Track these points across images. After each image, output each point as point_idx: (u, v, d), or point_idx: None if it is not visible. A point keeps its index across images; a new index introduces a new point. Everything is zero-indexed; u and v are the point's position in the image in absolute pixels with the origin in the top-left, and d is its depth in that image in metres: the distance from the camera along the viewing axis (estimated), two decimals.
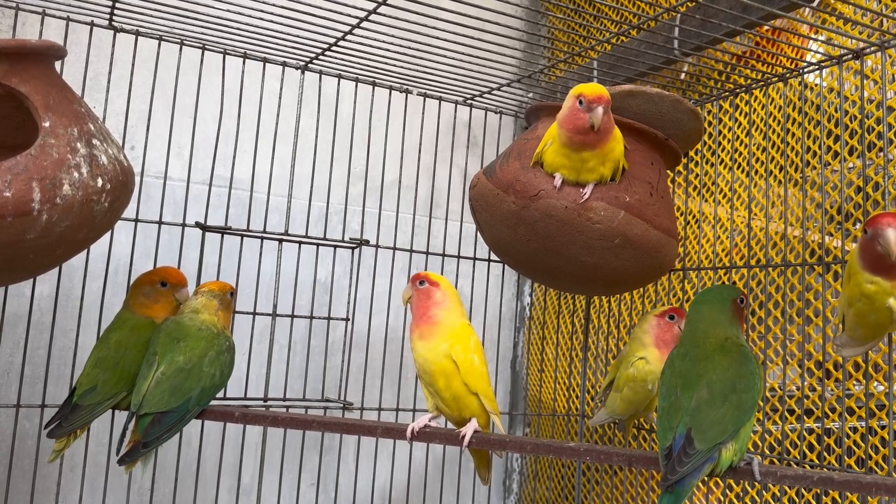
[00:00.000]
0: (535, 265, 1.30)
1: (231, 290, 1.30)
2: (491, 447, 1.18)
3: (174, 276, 1.31)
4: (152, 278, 1.30)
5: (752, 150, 1.52)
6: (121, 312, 1.30)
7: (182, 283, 1.31)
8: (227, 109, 1.55)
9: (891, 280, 0.99)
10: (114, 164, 1.03)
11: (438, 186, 1.81)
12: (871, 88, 1.32)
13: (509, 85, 1.61)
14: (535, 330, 2.08)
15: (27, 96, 0.96)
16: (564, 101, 1.16)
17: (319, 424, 1.26)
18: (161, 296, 1.29)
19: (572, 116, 1.13)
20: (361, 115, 1.68)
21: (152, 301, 1.29)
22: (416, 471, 1.83)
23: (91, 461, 1.48)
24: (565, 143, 1.16)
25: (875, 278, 0.99)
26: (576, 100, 1.13)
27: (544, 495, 1.98)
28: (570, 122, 1.14)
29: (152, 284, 1.29)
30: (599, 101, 1.11)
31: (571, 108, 1.13)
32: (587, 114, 1.12)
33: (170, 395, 1.18)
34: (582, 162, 1.16)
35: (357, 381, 1.71)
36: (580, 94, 1.12)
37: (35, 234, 0.93)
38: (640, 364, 1.31)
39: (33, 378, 1.51)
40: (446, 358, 1.15)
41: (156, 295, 1.29)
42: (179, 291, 1.30)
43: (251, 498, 1.71)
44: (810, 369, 1.44)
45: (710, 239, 1.63)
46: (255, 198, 1.67)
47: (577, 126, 1.13)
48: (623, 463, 1.11)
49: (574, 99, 1.13)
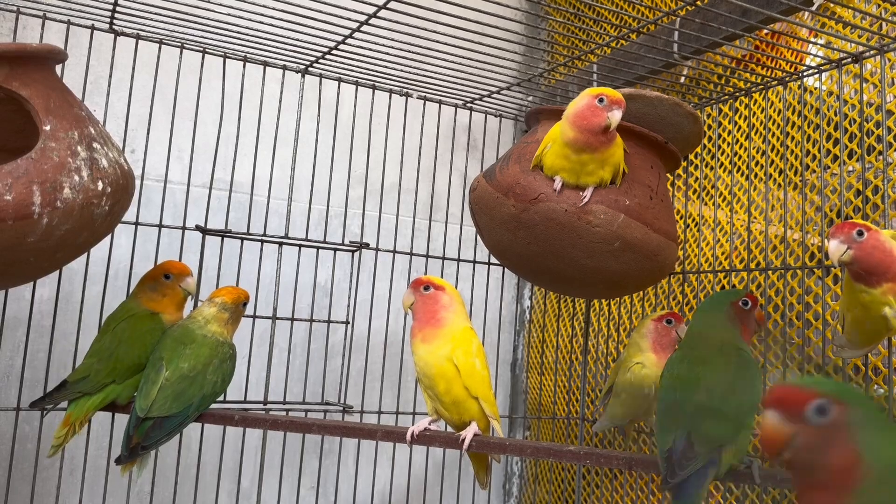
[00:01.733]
0: (535, 268, 1.30)
1: (245, 300, 1.31)
2: (491, 450, 1.18)
3: (176, 266, 1.31)
4: (156, 273, 1.31)
5: (752, 154, 1.52)
6: (126, 302, 1.31)
7: (185, 273, 1.31)
8: (227, 113, 1.56)
9: (876, 287, 0.98)
10: (114, 168, 1.03)
11: (438, 190, 1.81)
12: (870, 92, 1.32)
13: (509, 88, 1.61)
14: (534, 333, 2.08)
15: (28, 100, 0.97)
16: (577, 102, 1.15)
17: (319, 428, 1.26)
18: (167, 288, 1.30)
19: (589, 114, 1.12)
20: (361, 119, 1.68)
21: (159, 295, 1.30)
22: (416, 474, 1.83)
23: (91, 464, 1.48)
24: (569, 144, 1.15)
25: (861, 286, 0.99)
26: (594, 98, 1.12)
27: (544, 499, 1.98)
28: (584, 119, 1.13)
29: (156, 279, 1.30)
30: (620, 104, 1.12)
31: (589, 107, 1.12)
32: (605, 113, 1.12)
33: (172, 401, 1.19)
34: (582, 165, 1.16)
35: (357, 384, 1.71)
36: (601, 94, 1.12)
37: (35, 237, 0.93)
38: (637, 369, 1.31)
39: (33, 381, 1.51)
40: (447, 361, 1.15)
41: (162, 288, 1.30)
42: (184, 281, 1.31)
43: (251, 501, 1.71)
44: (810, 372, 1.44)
45: (710, 242, 1.64)
46: (256, 201, 1.67)
47: (592, 124, 1.12)
48: (623, 466, 1.11)
49: (592, 98, 1.13)
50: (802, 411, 0.62)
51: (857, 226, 0.95)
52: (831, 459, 0.62)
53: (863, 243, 0.95)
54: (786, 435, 0.63)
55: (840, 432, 0.62)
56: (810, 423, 0.62)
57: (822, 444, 0.62)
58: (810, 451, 0.62)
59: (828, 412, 0.62)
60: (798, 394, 0.63)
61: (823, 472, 0.62)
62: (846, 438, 0.62)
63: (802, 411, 0.62)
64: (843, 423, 0.62)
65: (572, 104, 1.16)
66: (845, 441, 0.62)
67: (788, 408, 0.62)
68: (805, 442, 0.63)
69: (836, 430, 0.62)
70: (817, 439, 0.62)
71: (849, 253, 0.95)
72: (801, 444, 0.63)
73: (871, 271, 0.96)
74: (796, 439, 0.63)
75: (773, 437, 0.63)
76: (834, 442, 0.62)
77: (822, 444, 0.62)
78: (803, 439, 0.62)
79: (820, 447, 0.62)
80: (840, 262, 0.95)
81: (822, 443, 0.62)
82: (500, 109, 1.77)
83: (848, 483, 0.61)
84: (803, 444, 0.63)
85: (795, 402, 0.62)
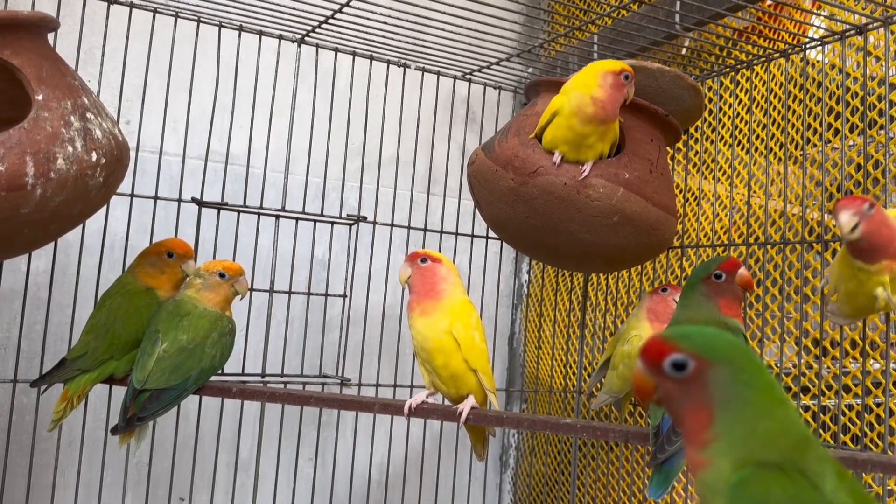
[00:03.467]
0: (534, 242, 1.30)
1: (220, 271, 1.26)
2: (488, 423, 1.18)
3: (181, 247, 1.30)
4: (159, 249, 1.30)
5: (753, 128, 1.51)
6: (122, 277, 1.30)
7: (188, 255, 1.31)
8: (222, 83, 1.54)
9: (872, 263, 0.98)
10: (108, 139, 1.02)
11: (436, 163, 1.80)
12: (873, 65, 1.31)
13: (508, 60, 1.59)
14: (532, 307, 2.08)
15: (19, 69, 0.95)
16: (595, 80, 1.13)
17: (317, 400, 1.26)
18: (168, 266, 1.29)
19: (617, 94, 1.12)
20: (359, 90, 1.66)
21: (158, 272, 1.29)
22: (414, 446, 1.84)
23: (89, 436, 1.48)
24: (589, 121, 1.14)
25: (859, 263, 0.99)
26: (618, 76, 1.12)
27: (540, 470, 2.00)
28: (613, 100, 1.12)
29: (159, 255, 1.29)
30: (633, 77, 1.14)
31: (616, 85, 1.12)
32: (626, 89, 1.12)
33: (170, 373, 1.19)
34: (583, 137, 1.15)
35: (354, 357, 1.71)
36: (623, 70, 1.12)
37: (29, 208, 0.92)
38: (635, 341, 1.31)
39: (30, 353, 1.51)
40: (446, 334, 1.15)
41: (162, 265, 1.29)
42: (186, 263, 1.30)
43: (249, 472, 1.72)
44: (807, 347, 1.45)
45: (709, 216, 1.63)
46: (252, 173, 1.65)
47: (618, 103, 1.13)
48: (619, 439, 1.11)
49: (616, 76, 1.12)
50: (661, 364, 0.62)
51: (867, 200, 0.95)
52: (686, 415, 0.63)
53: (872, 217, 0.94)
54: (649, 385, 0.64)
55: (697, 390, 0.62)
56: (668, 376, 0.62)
57: (680, 397, 0.63)
58: (669, 402, 0.64)
59: (686, 368, 0.61)
60: (659, 346, 0.63)
61: (680, 424, 0.64)
62: (702, 398, 0.62)
63: (661, 364, 0.62)
64: (703, 381, 0.62)
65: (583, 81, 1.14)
66: (700, 400, 0.62)
67: (649, 360, 0.63)
68: (664, 393, 0.64)
69: (694, 388, 0.62)
70: (676, 392, 0.63)
71: (860, 226, 0.94)
72: (662, 395, 0.64)
73: (876, 246, 0.95)
74: (658, 390, 0.64)
75: (638, 386, 0.65)
76: (691, 398, 0.62)
77: (681, 397, 0.63)
78: (663, 391, 0.64)
79: (679, 400, 0.63)
80: (848, 236, 0.94)
81: (681, 396, 0.63)
82: (500, 81, 1.75)
83: (698, 441, 0.62)
84: (663, 395, 0.64)
85: (656, 355, 0.63)
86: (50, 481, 1.40)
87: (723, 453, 0.60)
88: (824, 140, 1.32)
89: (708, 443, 0.61)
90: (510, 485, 2.06)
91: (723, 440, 0.60)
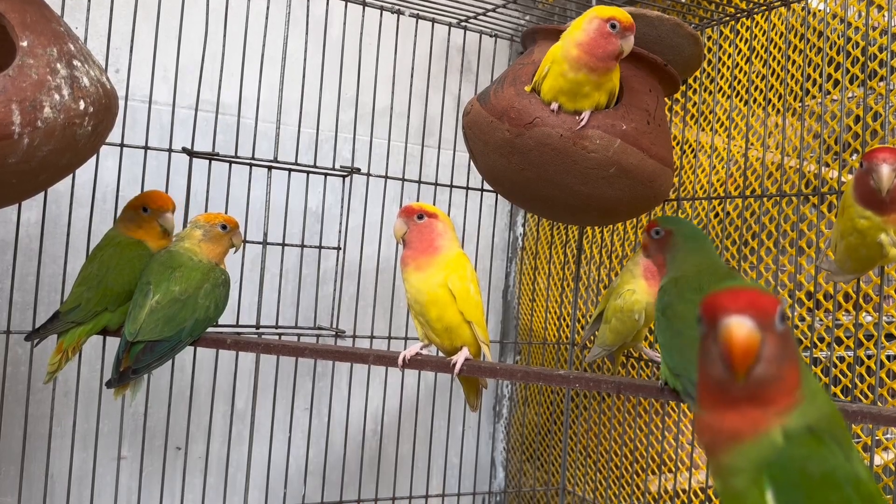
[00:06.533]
0: (529, 194, 1.29)
1: (222, 223, 1.26)
2: (482, 375, 1.19)
3: (155, 200, 1.27)
4: (135, 203, 1.28)
5: (752, 78, 1.49)
6: (109, 231, 1.29)
7: (164, 208, 1.27)
8: (212, 31, 1.50)
9: (882, 215, 0.98)
10: (96, 87, 0.99)
11: (431, 113, 1.77)
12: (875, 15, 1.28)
13: (505, 6, 1.55)
14: (527, 260, 2.08)
15: (3, 14, 0.92)
16: (584, 25, 1.11)
17: (312, 352, 1.27)
18: (144, 221, 1.27)
19: (602, 41, 1.09)
20: (352, 38, 1.62)
21: (136, 226, 1.27)
22: (408, 396, 1.86)
23: (84, 386, 1.49)
24: (578, 68, 1.12)
25: (867, 213, 0.99)
26: (605, 23, 1.09)
27: (533, 419, 2.02)
28: (598, 48, 1.09)
29: (136, 210, 1.27)
30: (631, 29, 1.10)
31: (600, 32, 1.09)
32: (619, 41, 1.09)
33: (164, 325, 1.18)
34: (577, 86, 1.13)
35: (349, 309, 1.71)
36: (612, 18, 1.08)
37: (17, 158, 0.90)
38: (628, 295, 1.32)
39: (23, 305, 1.50)
40: (441, 288, 1.14)
41: (139, 220, 1.27)
42: (162, 217, 1.27)
43: (245, 423, 1.74)
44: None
45: (706, 169, 1.62)
46: (243, 123, 1.63)
47: (606, 52, 1.10)
48: (611, 390, 1.12)
49: (603, 22, 1.09)
50: (773, 318, 0.54)
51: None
52: (784, 373, 0.54)
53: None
54: (759, 345, 0.53)
55: (789, 344, 0.55)
56: (777, 330, 0.54)
57: (781, 354, 0.54)
58: (770, 364, 0.54)
59: (785, 319, 0.54)
60: (768, 298, 0.54)
61: (773, 387, 0.54)
62: (793, 352, 0.55)
63: (773, 318, 0.54)
64: (789, 332, 0.55)
65: (577, 25, 1.12)
66: (793, 355, 0.55)
67: (760, 314, 0.53)
68: (770, 352, 0.54)
69: (788, 341, 0.55)
70: (778, 349, 0.54)
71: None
72: (768, 354, 0.54)
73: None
74: (764, 349, 0.54)
75: (749, 348, 0.53)
76: (786, 353, 0.54)
77: (781, 355, 0.54)
78: (770, 349, 0.54)
79: (780, 358, 0.54)
80: (887, 187, 0.94)
81: (781, 354, 0.54)
82: (496, 29, 1.71)
83: (790, 402, 0.54)
84: (769, 355, 0.54)
85: (767, 308, 0.53)
86: (46, 431, 1.41)
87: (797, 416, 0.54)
88: (824, 91, 1.30)
89: (791, 406, 0.54)
90: (503, 434, 2.08)
91: (805, 402, 0.54)
